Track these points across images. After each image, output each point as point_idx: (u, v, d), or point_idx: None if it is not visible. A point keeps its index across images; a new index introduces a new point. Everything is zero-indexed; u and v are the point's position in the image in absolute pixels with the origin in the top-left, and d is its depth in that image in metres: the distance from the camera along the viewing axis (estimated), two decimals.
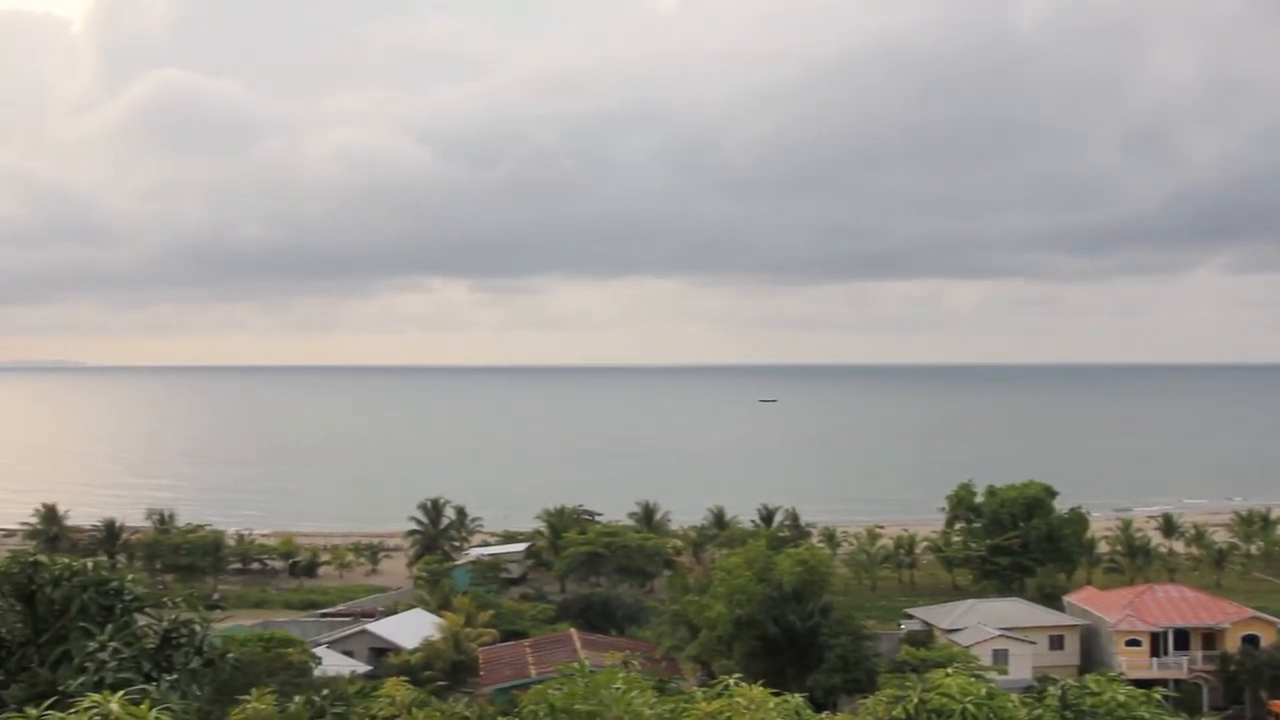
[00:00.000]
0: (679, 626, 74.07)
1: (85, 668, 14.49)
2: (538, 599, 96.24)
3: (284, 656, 61.14)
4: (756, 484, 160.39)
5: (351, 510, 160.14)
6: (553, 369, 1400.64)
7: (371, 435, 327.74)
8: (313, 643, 74.02)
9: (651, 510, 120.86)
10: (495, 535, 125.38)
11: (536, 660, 66.26)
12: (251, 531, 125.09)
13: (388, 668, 70.16)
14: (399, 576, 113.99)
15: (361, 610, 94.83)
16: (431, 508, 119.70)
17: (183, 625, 15.71)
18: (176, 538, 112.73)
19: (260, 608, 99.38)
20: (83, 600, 15.88)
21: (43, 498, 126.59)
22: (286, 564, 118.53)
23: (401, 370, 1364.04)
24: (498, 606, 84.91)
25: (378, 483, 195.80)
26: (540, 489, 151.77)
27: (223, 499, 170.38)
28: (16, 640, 16.34)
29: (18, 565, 16.73)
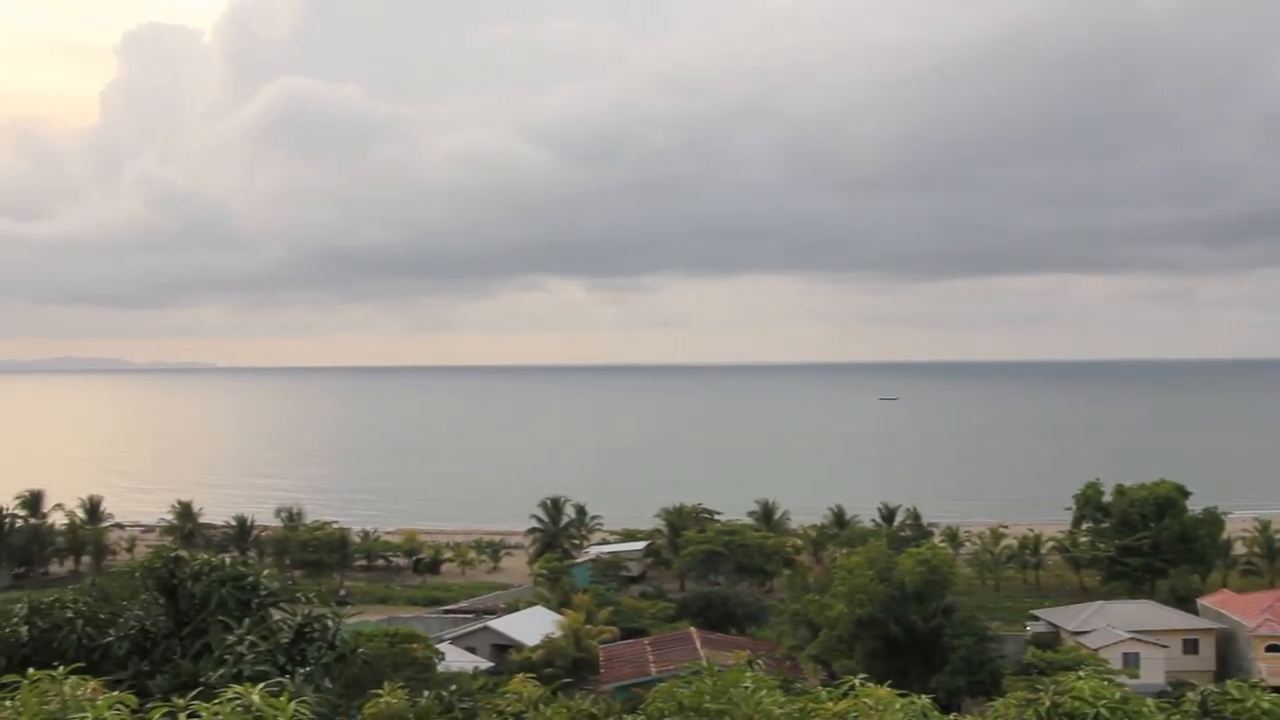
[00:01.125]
0: (799, 626, 73.65)
1: (224, 660, 14.93)
2: (657, 597, 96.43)
3: (408, 652, 62.13)
4: (877, 483, 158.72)
5: (473, 508, 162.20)
6: (669, 367, 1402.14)
7: (492, 434, 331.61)
8: (436, 639, 75.16)
9: (771, 509, 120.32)
10: (615, 533, 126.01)
11: (656, 658, 66.37)
12: (376, 529, 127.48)
13: (509, 664, 70.97)
14: (520, 574, 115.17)
15: (483, 607, 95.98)
16: (551, 506, 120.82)
17: (315, 620, 16.07)
18: (304, 535, 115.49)
19: (385, 604, 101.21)
20: (221, 595, 16.36)
21: (178, 495, 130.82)
22: (410, 561, 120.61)
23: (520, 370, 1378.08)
24: (617, 604, 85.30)
25: (499, 481, 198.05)
26: (658, 487, 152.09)
27: (348, 497, 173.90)
28: (160, 632, 16.90)
29: (160, 560, 17.30)
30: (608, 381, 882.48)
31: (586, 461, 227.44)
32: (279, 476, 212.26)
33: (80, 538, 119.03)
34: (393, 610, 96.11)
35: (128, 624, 16.48)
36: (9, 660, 15.61)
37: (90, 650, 16.07)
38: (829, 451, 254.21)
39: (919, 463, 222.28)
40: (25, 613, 16.89)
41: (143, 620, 16.57)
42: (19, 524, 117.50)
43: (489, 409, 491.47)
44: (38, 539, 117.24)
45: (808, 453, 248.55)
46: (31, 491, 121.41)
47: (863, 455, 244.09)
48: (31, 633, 16.50)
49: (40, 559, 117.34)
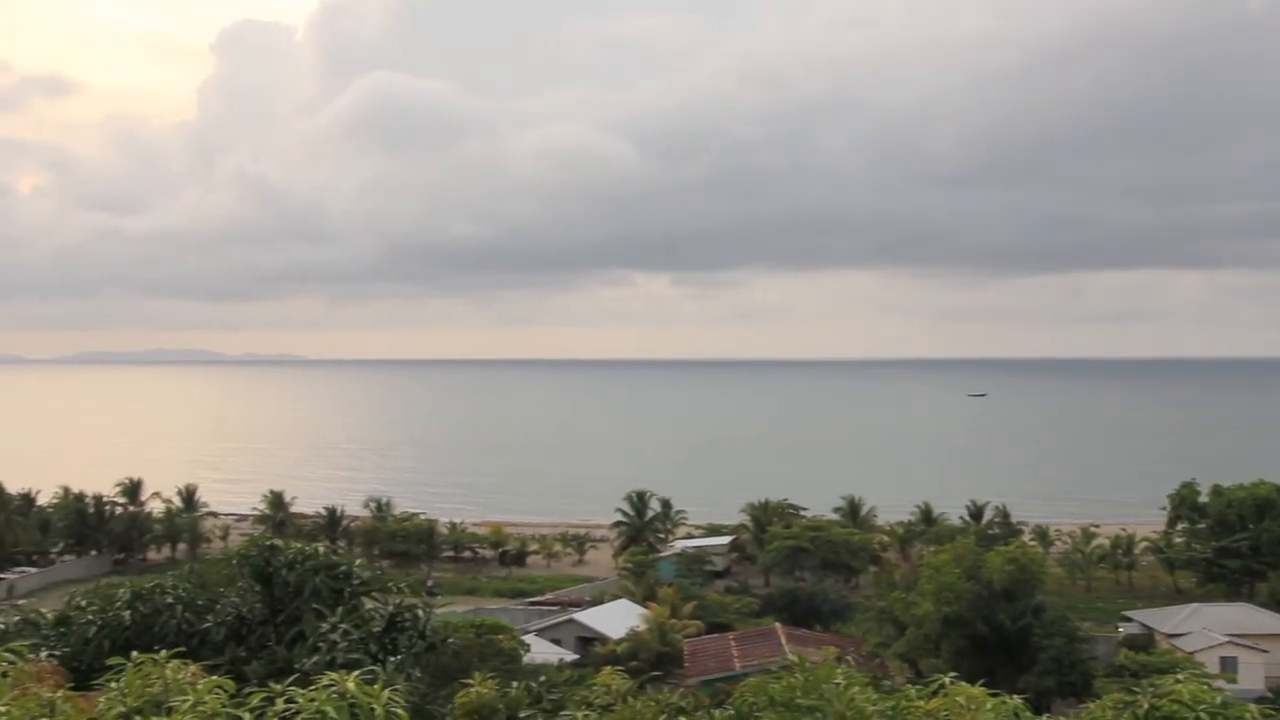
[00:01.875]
0: (885, 623, 73.06)
1: (318, 647, 15.21)
2: (742, 592, 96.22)
3: (494, 643, 62.61)
4: (965, 480, 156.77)
5: (558, 501, 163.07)
6: (754, 362, 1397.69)
7: (577, 428, 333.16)
8: (521, 630, 75.71)
9: (857, 505, 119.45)
10: (699, 528, 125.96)
11: (741, 653, 66.24)
12: (463, 520, 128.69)
13: (594, 656, 71.31)
14: (605, 567, 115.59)
15: (568, 599, 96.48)
16: (637, 499, 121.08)
17: (406, 610, 16.33)
18: (393, 525, 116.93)
19: (471, 595, 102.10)
20: (315, 583, 16.68)
21: (269, 485, 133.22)
22: (496, 553, 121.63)
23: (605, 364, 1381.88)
24: (702, 598, 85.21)
25: (584, 474, 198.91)
26: (743, 482, 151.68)
27: (435, 488, 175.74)
28: (256, 619, 17.28)
29: (256, 549, 17.69)
30: (692, 376, 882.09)
31: (671, 456, 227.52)
32: (367, 468, 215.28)
33: (176, 525, 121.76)
34: (479, 601, 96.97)
35: (225, 610, 16.87)
36: (113, 643, 16.06)
37: (189, 635, 16.48)
38: (916, 448, 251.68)
39: (1007, 460, 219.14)
40: (128, 597, 17.37)
41: (239, 607, 16.96)
42: (119, 511, 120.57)
43: (574, 403, 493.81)
44: (136, 526, 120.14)
45: (894, 449, 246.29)
46: (130, 480, 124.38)
47: (950, 452, 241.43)
48: (134, 617, 16.96)
49: (139, 545, 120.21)
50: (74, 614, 17.83)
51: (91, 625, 16.85)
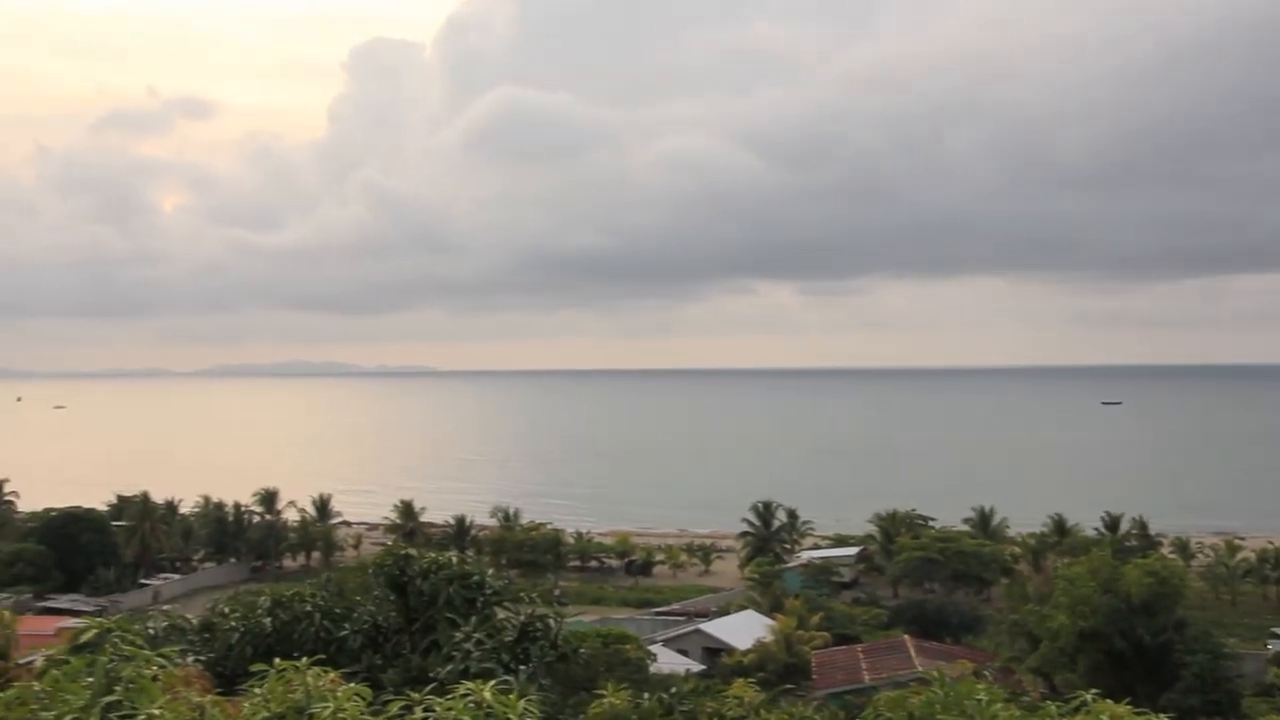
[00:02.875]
0: (1018, 637, 71.47)
1: (452, 656, 15.41)
2: (870, 603, 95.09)
3: (621, 653, 62.82)
4: (1100, 490, 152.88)
5: (685, 511, 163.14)
6: (880, 370, 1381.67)
7: (703, 437, 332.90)
8: (648, 640, 75.81)
9: (987, 516, 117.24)
10: (826, 538, 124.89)
11: (870, 666, 65.42)
12: (589, 530, 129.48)
13: (721, 668, 71.07)
14: (731, 577, 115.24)
15: (695, 610, 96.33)
16: (763, 510, 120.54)
17: (538, 619, 16.45)
18: (520, 535, 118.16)
19: (597, 604, 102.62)
20: (449, 593, 16.90)
21: (399, 494, 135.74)
22: (623, 562, 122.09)
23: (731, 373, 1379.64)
24: (829, 610, 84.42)
25: (710, 484, 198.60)
26: (870, 492, 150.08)
27: (562, 498, 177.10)
28: (391, 627, 17.58)
29: (391, 558, 18.00)
30: (818, 384, 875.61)
31: (798, 465, 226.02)
32: (494, 477, 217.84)
33: (311, 534, 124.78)
34: (605, 611, 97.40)
35: (361, 619, 17.21)
36: (254, 649, 16.49)
37: (327, 643, 16.83)
38: (1048, 457, 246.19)
39: (1145, 470, 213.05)
40: (268, 605, 17.82)
41: (375, 615, 17.28)
42: (256, 520, 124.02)
43: (700, 412, 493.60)
44: (273, 534, 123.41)
45: (1025, 458, 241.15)
46: (267, 489, 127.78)
47: (1084, 462, 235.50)
48: (274, 624, 17.39)
49: (275, 553, 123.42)
50: (217, 620, 18.37)
51: (234, 632, 17.35)
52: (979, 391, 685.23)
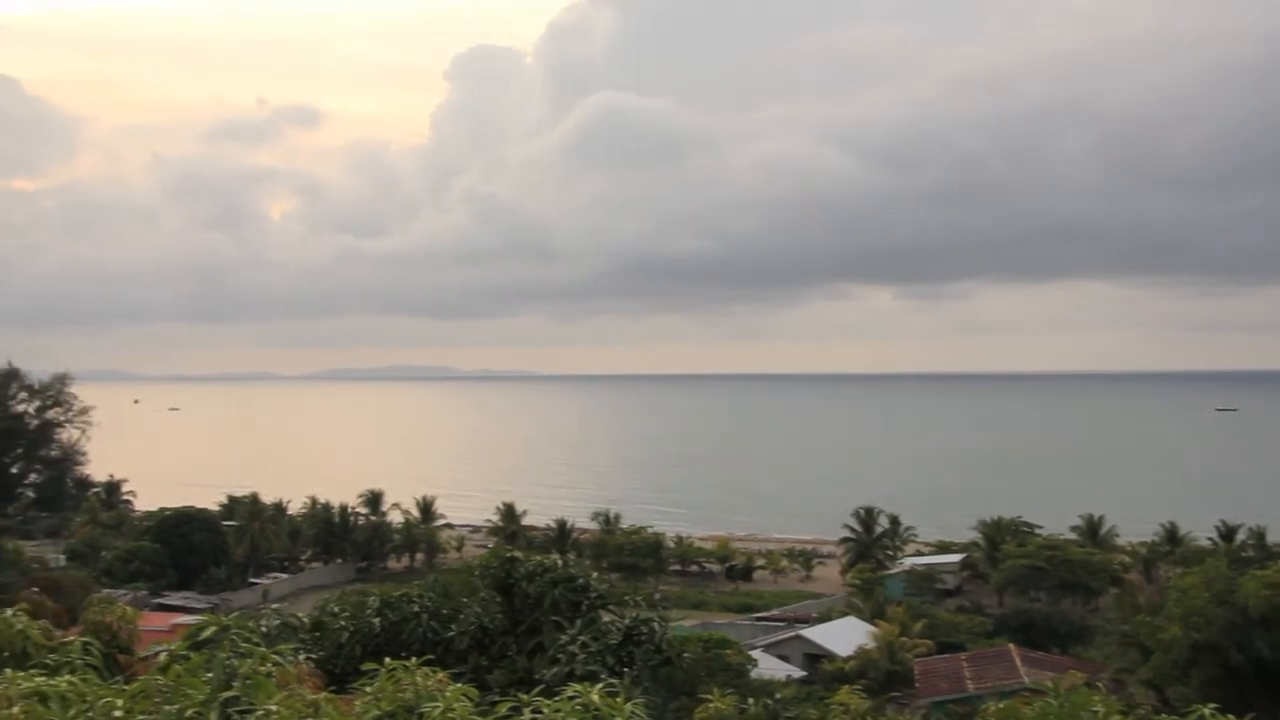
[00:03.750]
0: (1128, 648, 69.79)
1: (557, 659, 15.53)
2: (974, 612, 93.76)
3: (722, 658, 62.73)
4: (1214, 498, 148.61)
5: (785, 516, 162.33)
6: (981, 376, 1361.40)
7: (803, 442, 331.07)
8: (748, 645, 75.62)
9: (1096, 524, 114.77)
10: (929, 545, 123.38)
11: (974, 675, 64.46)
12: (690, 534, 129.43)
13: (822, 674, 70.67)
14: (832, 583, 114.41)
15: (796, 615, 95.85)
16: (864, 515, 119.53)
17: (643, 623, 16.48)
18: (620, 538, 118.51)
19: (698, 609, 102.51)
20: (554, 595, 17.02)
21: (500, 497, 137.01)
22: (723, 567, 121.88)
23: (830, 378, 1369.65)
24: (932, 617, 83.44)
25: (811, 490, 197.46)
26: (973, 499, 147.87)
27: (662, 503, 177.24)
28: (497, 629, 17.76)
29: (497, 560, 18.19)
30: (917, 389, 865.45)
31: (899, 471, 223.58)
32: (594, 481, 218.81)
33: (414, 536, 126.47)
34: (706, 616, 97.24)
35: (467, 620, 17.40)
36: (364, 648, 16.79)
37: (434, 643, 17.06)
38: (1158, 464, 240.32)
39: (1262, 478, 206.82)
40: (377, 605, 18.12)
41: (481, 617, 17.46)
42: (361, 521, 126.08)
43: (799, 417, 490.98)
44: (378, 536, 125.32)
45: (1134, 465, 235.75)
46: (372, 491, 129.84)
47: (1196, 469, 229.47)
48: (383, 624, 17.68)
49: (380, 554, 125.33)
50: (327, 620, 18.71)
51: (344, 631, 17.67)
52: (1082, 397, 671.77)
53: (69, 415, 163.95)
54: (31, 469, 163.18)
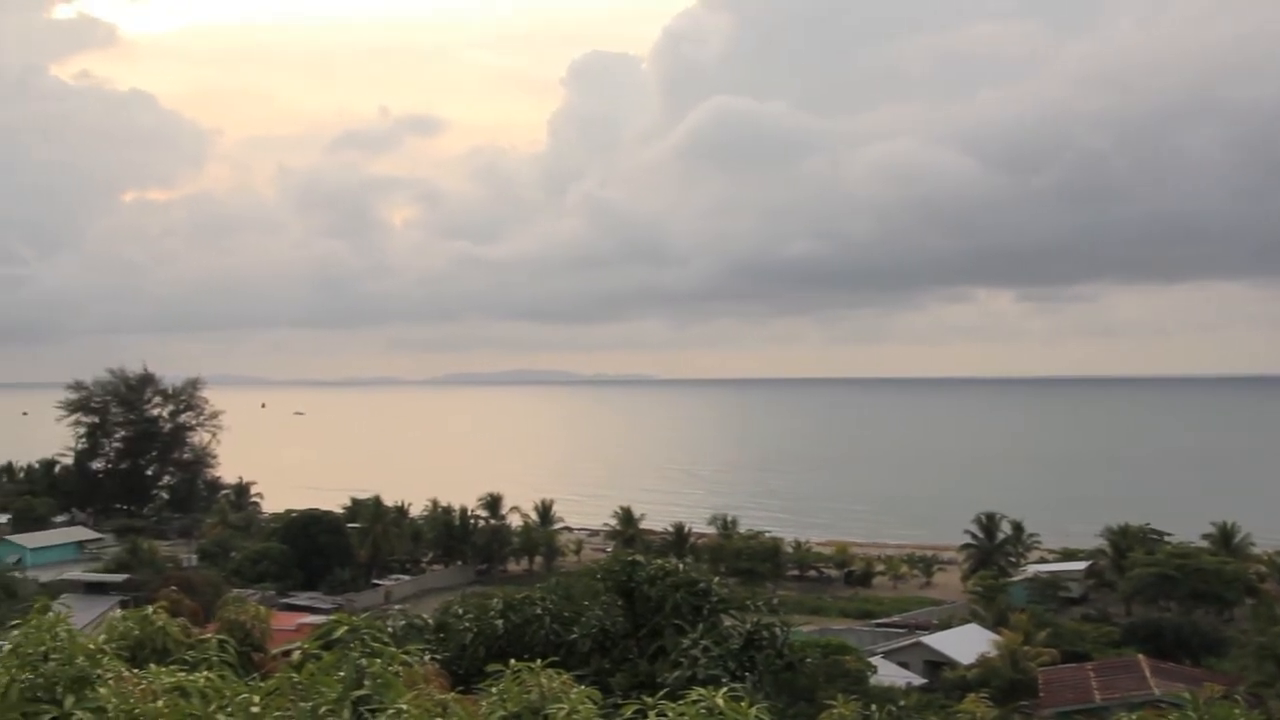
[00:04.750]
0: (1265, 661, 67.55)
1: (679, 663, 15.54)
2: (1100, 620, 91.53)
3: (841, 663, 62.24)
4: None
5: (905, 521, 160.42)
6: (1108, 379, 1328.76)
7: (923, 447, 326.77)
8: (868, 651, 74.91)
9: (1230, 531, 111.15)
10: (1053, 552, 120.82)
11: (1101, 685, 62.97)
12: (808, 539, 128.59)
13: (944, 681, 69.65)
14: (952, 590, 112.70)
15: (915, 622, 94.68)
16: (986, 521, 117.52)
17: (765, 628, 16.43)
18: (738, 543, 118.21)
19: (816, 614, 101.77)
20: (676, 599, 17.04)
21: (619, 501, 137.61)
22: (841, 572, 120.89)
23: (950, 382, 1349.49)
24: (1056, 626, 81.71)
25: (930, 495, 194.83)
26: (1099, 505, 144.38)
27: (779, 508, 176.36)
28: (618, 632, 17.83)
29: (619, 564, 18.29)
30: (1041, 394, 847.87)
31: (1021, 476, 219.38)
32: (711, 485, 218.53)
33: (533, 539, 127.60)
34: (824, 621, 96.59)
35: (589, 623, 17.52)
36: (487, 650, 17.00)
37: (557, 645, 17.20)
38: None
39: None
40: (500, 607, 18.34)
41: (603, 620, 17.56)
42: (481, 524, 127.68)
43: (919, 421, 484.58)
44: (497, 539, 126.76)
45: (1273, 471, 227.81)
46: (491, 495, 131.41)
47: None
48: (506, 626, 17.89)
49: (499, 557, 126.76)
50: (451, 621, 19.00)
51: (468, 632, 17.93)
52: (1215, 400, 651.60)
53: (200, 419, 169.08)
54: (165, 471, 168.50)
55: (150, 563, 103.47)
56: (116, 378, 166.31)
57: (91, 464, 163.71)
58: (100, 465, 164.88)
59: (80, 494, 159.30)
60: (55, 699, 9.26)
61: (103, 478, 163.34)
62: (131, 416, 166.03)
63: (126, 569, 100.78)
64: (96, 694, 9.40)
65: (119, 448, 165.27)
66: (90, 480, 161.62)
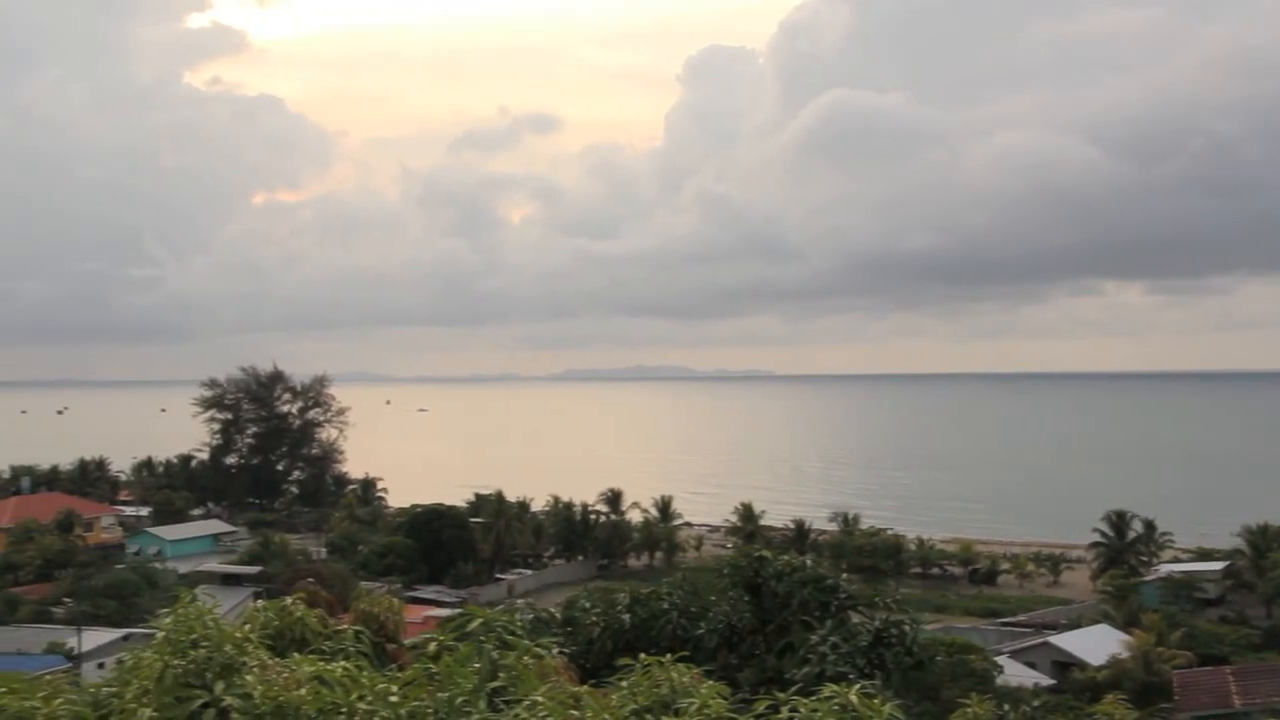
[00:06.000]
0: None
1: (808, 659, 15.46)
2: (1238, 623, 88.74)
3: (966, 662, 61.31)
4: None
5: (1031, 519, 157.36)
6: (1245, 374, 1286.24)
7: (1049, 442, 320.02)
8: (993, 650, 73.64)
9: None
10: (1187, 551, 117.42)
11: (1241, 690, 60.91)
12: (930, 536, 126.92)
13: (1073, 683, 68.22)
14: (1081, 589, 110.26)
15: (1043, 621, 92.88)
16: (1116, 519, 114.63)
17: (894, 625, 16.26)
18: (859, 540, 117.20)
19: (940, 612, 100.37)
20: (803, 595, 16.96)
21: (739, 497, 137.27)
22: (966, 570, 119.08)
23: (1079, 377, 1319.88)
24: (1191, 627, 79.45)
25: (1058, 492, 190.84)
26: (1237, 503, 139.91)
27: (902, 503, 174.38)
28: (745, 628, 17.81)
29: (746, 559, 18.27)
30: (1174, 388, 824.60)
31: (1154, 473, 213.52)
32: (830, 481, 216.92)
33: (653, 534, 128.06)
34: (948, 620, 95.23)
35: (716, 618, 17.53)
36: (614, 644, 17.12)
37: (684, 640, 17.22)
38: None
39: None
40: (628, 602, 18.44)
41: (730, 615, 17.57)
42: (602, 519, 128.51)
43: (1044, 416, 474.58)
44: (618, 534, 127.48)
45: None
46: (612, 490, 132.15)
47: None
48: (633, 620, 17.98)
49: (620, 552, 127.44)
50: (578, 615, 19.17)
51: (595, 626, 18.06)
52: None
53: (328, 415, 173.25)
54: (295, 466, 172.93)
55: (281, 555, 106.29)
56: (248, 375, 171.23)
57: (225, 459, 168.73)
58: (233, 460, 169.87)
59: (215, 488, 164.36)
60: (205, 685, 9.57)
61: (236, 472, 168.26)
62: (263, 413, 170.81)
63: (259, 561, 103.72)
64: (244, 681, 9.69)
65: (251, 443, 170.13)
66: (224, 475, 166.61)
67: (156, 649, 10.00)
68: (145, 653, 10.32)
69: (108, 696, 10.34)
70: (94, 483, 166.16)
